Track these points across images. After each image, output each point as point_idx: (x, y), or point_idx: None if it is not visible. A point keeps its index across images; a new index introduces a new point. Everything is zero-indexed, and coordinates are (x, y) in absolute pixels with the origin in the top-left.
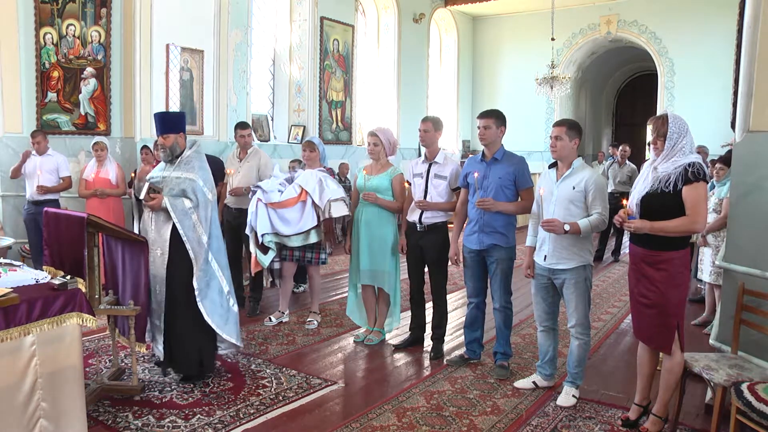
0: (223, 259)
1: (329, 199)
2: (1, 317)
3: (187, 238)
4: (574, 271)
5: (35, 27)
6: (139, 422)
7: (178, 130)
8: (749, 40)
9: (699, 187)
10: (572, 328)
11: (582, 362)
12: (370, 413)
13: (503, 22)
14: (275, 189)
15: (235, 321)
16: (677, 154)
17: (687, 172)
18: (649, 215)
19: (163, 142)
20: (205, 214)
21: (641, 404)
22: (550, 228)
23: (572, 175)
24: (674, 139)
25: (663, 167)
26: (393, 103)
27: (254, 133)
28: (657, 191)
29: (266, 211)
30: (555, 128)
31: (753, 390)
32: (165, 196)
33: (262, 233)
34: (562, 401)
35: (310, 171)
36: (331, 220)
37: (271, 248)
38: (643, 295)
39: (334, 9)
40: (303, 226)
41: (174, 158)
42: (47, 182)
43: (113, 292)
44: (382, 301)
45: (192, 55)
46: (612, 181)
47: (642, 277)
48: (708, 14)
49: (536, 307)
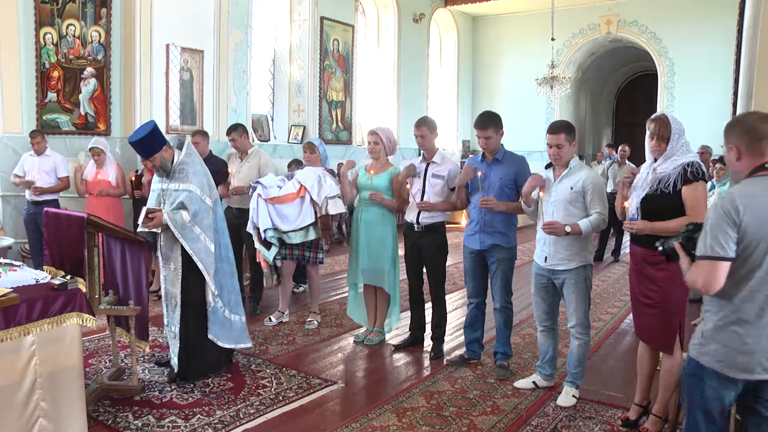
0: (226, 265)
1: (326, 196)
2: (1, 317)
3: (192, 251)
4: (575, 271)
5: (35, 27)
6: (139, 422)
7: (159, 147)
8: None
9: (698, 186)
10: (572, 328)
11: (582, 362)
12: (370, 413)
13: (503, 22)
14: (275, 185)
15: (230, 328)
16: (676, 153)
17: (686, 172)
18: (650, 216)
19: (151, 164)
20: (207, 221)
21: (641, 404)
22: (551, 231)
23: (570, 176)
24: (675, 140)
25: (662, 167)
26: (393, 103)
27: (254, 133)
28: (657, 192)
29: (266, 207)
30: (552, 136)
31: None
32: (164, 213)
33: (264, 228)
34: (563, 401)
35: (309, 168)
36: (328, 217)
37: (274, 243)
38: (646, 296)
39: (334, 9)
40: (301, 222)
41: (168, 171)
42: (43, 183)
43: (113, 292)
44: (382, 300)
45: (192, 55)
46: (612, 181)
47: (644, 278)
48: (708, 14)
49: (536, 307)
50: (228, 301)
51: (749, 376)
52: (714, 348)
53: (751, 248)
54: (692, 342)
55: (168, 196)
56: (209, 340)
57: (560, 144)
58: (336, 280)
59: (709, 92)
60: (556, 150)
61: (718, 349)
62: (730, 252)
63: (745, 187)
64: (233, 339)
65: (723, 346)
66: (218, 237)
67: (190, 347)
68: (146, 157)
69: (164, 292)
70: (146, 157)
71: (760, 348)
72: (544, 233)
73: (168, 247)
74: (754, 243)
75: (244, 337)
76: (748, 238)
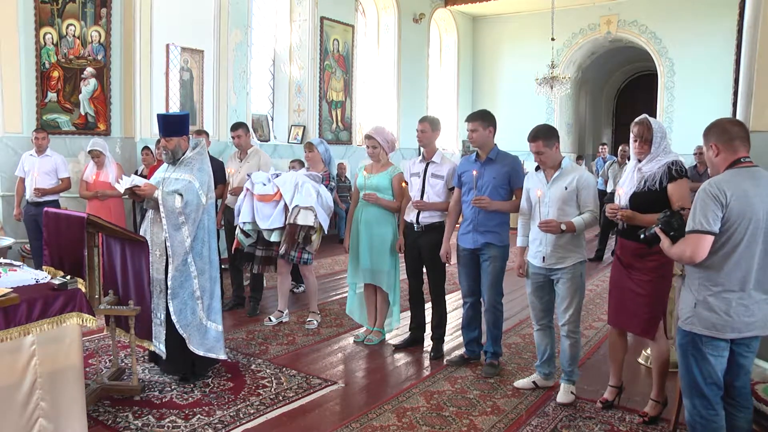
0: (209, 269)
1: (299, 205)
2: (1, 317)
3: (168, 234)
4: (571, 268)
5: (35, 27)
6: (139, 422)
7: (181, 133)
8: (749, 40)
9: (682, 183)
10: (564, 326)
11: (575, 360)
12: (370, 413)
13: (503, 22)
14: (260, 182)
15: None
16: (660, 154)
17: (671, 171)
18: (638, 211)
19: (165, 145)
20: (195, 216)
21: (616, 385)
22: (547, 229)
23: (563, 176)
24: (658, 142)
25: (647, 167)
26: (393, 103)
27: (254, 133)
28: (644, 190)
29: (251, 201)
30: (531, 144)
31: (753, 390)
32: (159, 191)
33: (243, 221)
34: (562, 398)
35: (293, 173)
36: (296, 226)
37: (251, 235)
38: (636, 285)
39: (334, 9)
40: (272, 224)
41: (176, 160)
42: (43, 183)
43: (113, 292)
44: (382, 300)
45: (192, 55)
46: (612, 181)
47: (632, 269)
48: (708, 14)
49: (532, 307)
50: (207, 307)
51: (737, 335)
52: (707, 315)
53: (735, 226)
54: (682, 318)
55: (167, 184)
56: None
57: (540, 151)
58: (336, 280)
59: (709, 92)
60: (538, 156)
61: (711, 316)
62: (715, 227)
63: (727, 176)
64: (206, 347)
65: (714, 312)
66: (209, 239)
67: (174, 335)
68: (166, 135)
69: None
70: (166, 135)
71: (746, 311)
72: (539, 233)
73: (154, 233)
74: (737, 222)
75: (217, 348)
76: (733, 218)
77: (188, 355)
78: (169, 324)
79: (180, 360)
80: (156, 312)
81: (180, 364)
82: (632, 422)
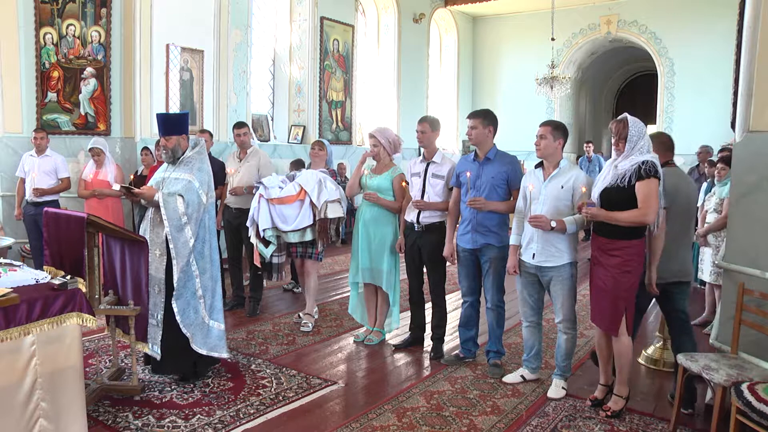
0: (211, 268)
1: (326, 200)
2: (1, 317)
3: (171, 236)
4: (562, 268)
5: (35, 27)
6: (139, 422)
7: (181, 132)
8: (749, 40)
9: (651, 182)
10: (560, 324)
11: (570, 355)
12: (370, 413)
13: (503, 22)
14: (276, 185)
15: (207, 333)
16: (635, 153)
17: (640, 170)
18: (608, 207)
19: (165, 144)
20: (196, 215)
21: (606, 384)
22: (537, 224)
23: (560, 175)
24: (634, 141)
25: (622, 165)
26: (393, 103)
27: (254, 133)
28: (615, 186)
29: (267, 207)
30: (541, 127)
31: (753, 390)
32: (159, 193)
33: (263, 228)
34: (553, 393)
35: (311, 171)
36: (326, 221)
37: (272, 242)
38: (599, 279)
39: (334, 9)
40: (299, 223)
41: (175, 159)
42: (43, 184)
43: (113, 292)
44: (382, 300)
45: (192, 55)
46: None
47: (598, 264)
48: (708, 14)
49: (522, 304)
50: (209, 306)
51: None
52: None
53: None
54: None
55: (167, 184)
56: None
57: (544, 135)
58: (336, 280)
59: (709, 92)
60: (538, 140)
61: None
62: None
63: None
64: (208, 346)
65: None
66: (210, 238)
67: (174, 335)
68: (165, 134)
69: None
70: (165, 134)
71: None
72: (531, 230)
73: (154, 233)
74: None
75: (220, 347)
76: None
77: (190, 354)
78: (168, 324)
79: (181, 359)
80: (153, 312)
81: (181, 363)
82: (632, 422)
